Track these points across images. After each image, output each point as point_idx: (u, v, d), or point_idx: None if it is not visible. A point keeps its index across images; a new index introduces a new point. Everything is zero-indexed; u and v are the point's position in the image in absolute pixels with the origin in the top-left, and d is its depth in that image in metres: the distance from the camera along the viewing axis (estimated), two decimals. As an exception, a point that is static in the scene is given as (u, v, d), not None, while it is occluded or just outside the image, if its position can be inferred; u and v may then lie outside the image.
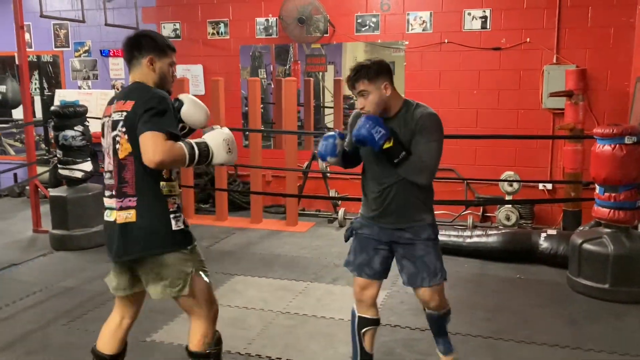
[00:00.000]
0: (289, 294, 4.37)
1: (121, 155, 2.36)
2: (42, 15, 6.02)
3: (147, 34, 2.54)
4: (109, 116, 2.44)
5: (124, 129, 2.34)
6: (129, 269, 2.51)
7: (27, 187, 7.76)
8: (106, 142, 2.46)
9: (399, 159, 2.59)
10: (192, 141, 2.38)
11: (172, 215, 2.40)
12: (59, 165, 5.64)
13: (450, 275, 4.64)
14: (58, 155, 5.59)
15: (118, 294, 2.59)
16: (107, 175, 2.45)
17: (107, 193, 2.46)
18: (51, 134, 7.99)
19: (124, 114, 2.34)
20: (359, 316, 2.87)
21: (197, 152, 2.35)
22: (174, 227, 2.39)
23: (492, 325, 3.80)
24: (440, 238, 5.26)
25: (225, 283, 4.59)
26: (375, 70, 2.60)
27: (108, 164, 2.45)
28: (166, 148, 2.24)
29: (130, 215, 2.36)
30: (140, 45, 2.47)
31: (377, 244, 2.80)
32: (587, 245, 4.30)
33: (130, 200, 2.36)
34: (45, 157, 7.67)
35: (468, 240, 5.19)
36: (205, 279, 2.51)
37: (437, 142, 2.65)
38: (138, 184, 2.36)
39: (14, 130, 8.61)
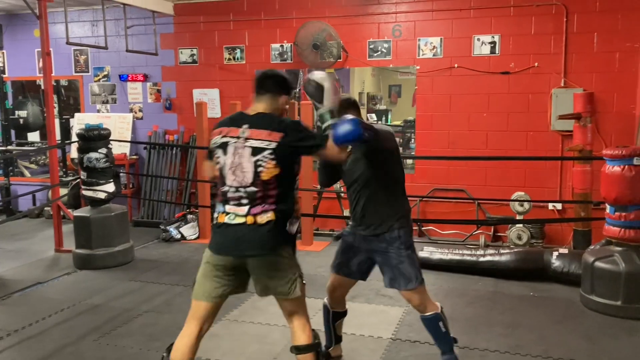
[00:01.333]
0: (309, 311, 4.46)
1: (265, 177, 2.65)
2: (68, 43, 6.26)
3: (284, 76, 2.89)
4: (237, 137, 2.70)
5: (272, 156, 2.64)
6: (242, 269, 2.74)
7: (46, 209, 7.95)
8: (231, 161, 2.69)
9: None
10: (330, 126, 2.74)
11: (294, 220, 2.77)
12: (82, 187, 5.82)
13: (466, 293, 4.88)
14: (82, 177, 5.77)
15: (214, 299, 2.76)
16: (231, 190, 2.70)
17: (232, 202, 2.70)
18: (69, 156, 8.24)
19: (272, 144, 2.65)
20: (332, 312, 3.45)
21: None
22: (287, 229, 2.73)
23: (509, 341, 3.92)
24: (454, 257, 5.50)
25: (247, 300, 4.72)
26: (353, 104, 3.15)
27: (234, 180, 2.69)
28: (336, 149, 2.67)
29: (269, 216, 2.66)
30: (284, 85, 2.83)
31: (357, 250, 3.24)
32: (599, 264, 4.43)
33: (270, 206, 2.67)
34: (63, 179, 7.85)
35: (482, 259, 5.32)
36: (304, 282, 2.85)
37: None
38: (278, 199, 2.68)
39: (30, 153, 8.83)
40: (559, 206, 6.33)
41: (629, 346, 3.86)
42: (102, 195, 5.73)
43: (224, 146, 2.72)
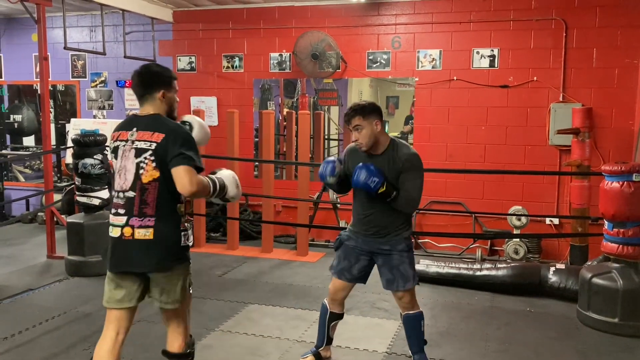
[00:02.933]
0: (304, 323, 4.44)
1: (145, 180, 2.60)
2: (65, 48, 6.23)
3: (155, 69, 2.80)
4: (126, 141, 2.65)
5: (152, 158, 2.57)
6: (141, 281, 2.71)
7: (39, 214, 7.88)
8: (120, 165, 2.66)
9: (391, 198, 3.14)
10: (212, 177, 2.77)
11: (182, 233, 2.70)
12: (77, 192, 5.76)
13: (462, 307, 4.83)
14: (77, 183, 5.71)
15: (120, 307, 2.73)
16: (117, 195, 2.66)
17: (114, 211, 2.67)
18: (64, 161, 8.18)
19: (153, 144, 2.57)
20: (330, 312, 3.55)
21: (217, 186, 2.75)
22: (182, 244, 2.69)
23: (504, 357, 3.88)
24: (450, 271, 5.45)
25: (241, 311, 4.66)
26: (369, 109, 3.19)
27: (120, 184, 2.66)
28: (199, 180, 2.60)
29: (148, 234, 2.62)
30: (153, 81, 2.73)
31: (360, 254, 3.38)
32: (596, 280, 4.40)
33: (149, 220, 2.61)
34: (57, 185, 7.78)
35: (478, 273, 5.28)
36: (190, 290, 2.83)
37: (421, 178, 3.24)
38: (158, 206, 2.62)
39: (25, 157, 8.77)
40: (556, 221, 6.31)
41: (626, 364, 3.82)
42: (96, 202, 5.67)
43: (115, 150, 2.71)
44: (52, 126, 8.40)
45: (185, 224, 2.74)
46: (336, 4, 6.84)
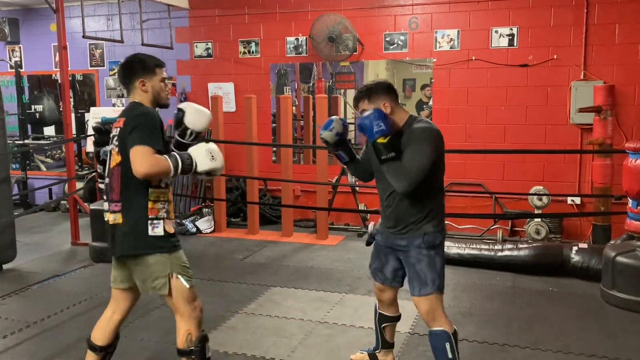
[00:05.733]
0: (326, 305, 4.47)
1: (111, 165, 2.70)
2: (84, 36, 6.27)
3: (135, 58, 2.78)
4: (117, 128, 2.73)
5: (116, 143, 2.66)
6: (126, 265, 2.78)
7: (62, 202, 8.00)
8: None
9: (386, 157, 2.67)
10: (176, 153, 2.66)
11: (149, 221, 2.64)
12: (98, 180, 5.83)
13: (484, 288, 4.82)
14: (98, 170, 5.78)
15: (116, 287, 2.86)
16: (104, 181, 2.78)
17: (104, 196, 2.80)
18: (84, 150, 8.28)
19: (118, 129, 2.66)
20: (379, 313, 3.20)
21: (180, 162, 2.60)
22: (150, 233, 2.64)
23: (529, 336, 3.87)
24: (472, 252, 5.43)
25: (264, 294, 4.71)
26: (374, 90, 2.79)
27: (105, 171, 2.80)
28: (152, 161, 2.52)
29: (117, 218, 2.67)
30: (131, 70, 2.73)
31: (387, 251, 2.99)
32: (620, 258, 4.35)
33: (116, 205, 2.68)
34: (78, 173, 7.88)
35: (500, 253, 5.26)
36: (184, 283, 2.71)
37: (423, 152, 2.66)
38: (122, 192, 2.65)
39: (46, 147, 8.89)
40: (577, 200, 6.24)
41: (651, 342, 3.79)
42: (118, 189, 5.73)
43: (112, 139, 2.76)
44: (72, 115, 8.51)
45: (160, 211, 2.65)
46: (352, -15, 6.79)
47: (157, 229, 2.64)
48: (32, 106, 8.50)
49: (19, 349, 3.78)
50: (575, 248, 5.09)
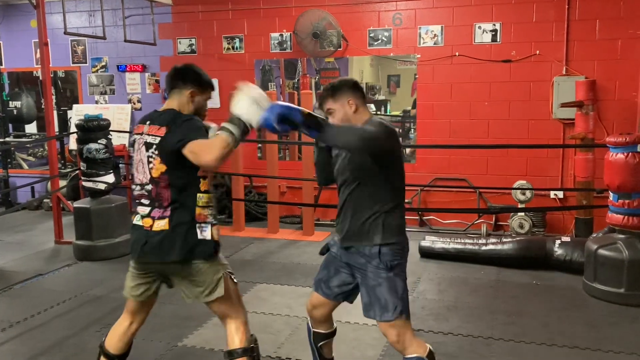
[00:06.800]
0: (302, 300, 4.47)
1: (155, 174, 2.55)
2: (65, 33, 6.20)
3: (194, 68, 2.71)
4: (141, 134, 2.62)
5: (157, 152, 2.54)
6: (158, 274, 2.67)
7: (45, 200, 7.92)
8: (137, 158, 2.63)
9: (321, 125, 2.41)
10: (225, 124, 2.39)
11: (198, 225, 2.55)
12: (82, 178, 5.78)
13: (468, 282, 4.87)
14: (82, 168, 5.73)
15: (136, 299, 2.73)
16: (137, 188, 2.64)
17: (137, 201, 2.65)
18: (67, 148, 8.20)
19: (158, 138, 2.53)
20: (313, 331, 2.90)
21: (235, 132, 2.37)
22: (199, 237, 2.55)
23: (513, 329, 3.91)
24: (456, 246, 5.47)
25: (250, 290, 4.71)
26: (338, 87, 2.59)
27: (137, 177, 2.64)
28: (213, 146, 2.38)
29: (164, 224, 2.54)
30: (187, 77, 2.65)
31: (340, 265, 2.71)
32: (602, 251, 4.42)
33: (165, 211, 2.55)
34: (61, 171, 7.80)
35: (484, 247, 5.31)
36: (235, 280, 2.71)
37: (375, 130, 2.45)
38: (172, 199, 2.54)
39: (27, 144, 8.78)
40: (560, 194, 6.32)
41: (632, 333, 3.85)
42: (102, 186, 5.69)
43: (133, 143, 2.69)
44: (54, 113, 8.41)
45: (208, 217, 2.58)
46: (336, -19, 6.79)
47: (205, 233, 2.56)
48: (11, 103, 8.38)
49: (2, 348, 3.74)
50: (558, 241, 5.15)
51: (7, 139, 8.46)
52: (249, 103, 2.38)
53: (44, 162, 8.33)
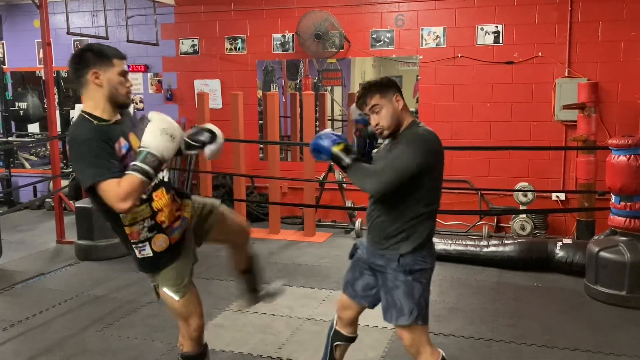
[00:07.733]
0: (314, 302, 4.48)
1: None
2: (68, 33, 6.20)
3: (88, 47, 2.36)
4: None
5: None
6: None
7: (47, 200, 7.93)
8: None
9: (347, 162, 2.46)
10: (136, 162, 2.18)
11: (134, 246, 2.42)
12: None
13: (470, 284, 4.86)
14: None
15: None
16: None
17: None
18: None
19: None
20: (335, 329, 2.86)
21: (148, 168, 2.17)
22: (139, 256, 2.44)
23: (514, 331, 3.91)
24: (458, 248, 5.46)
25: (251, 291, 4.70)
26: (386, 85, 2.52)
27: None
28: (122, 191, 2.15)
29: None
30: (82, 59, 2.30)
31: (364, 267, 2.69)
32: (604, 254, 4.41)
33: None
34: (63, 170, 7.81)
35: (485, 249, 5.31)
36: (175, 296, 2.51)
37: (407, 155, 2.42)
38: (107, 220, 2.43)
39: (30, 144, 8.79)
40: (562, 197, 6.31)
41: (634, 336, 3.84)
42: (104, 186, 5.68)
43: None
44: (57, 112, 8.42)
45: (141, 233, 2.37)
46: (338, -18, 6.79)
47: (145, 252, 2.41)
48: (17, 103, 8.40)
49: (3, 348, 3.74)
50: (559, 244, 5.14)
51: (10, 138, 8.47)
52: (159, 133, 2.21)
53: (47, 161, 8.34)
